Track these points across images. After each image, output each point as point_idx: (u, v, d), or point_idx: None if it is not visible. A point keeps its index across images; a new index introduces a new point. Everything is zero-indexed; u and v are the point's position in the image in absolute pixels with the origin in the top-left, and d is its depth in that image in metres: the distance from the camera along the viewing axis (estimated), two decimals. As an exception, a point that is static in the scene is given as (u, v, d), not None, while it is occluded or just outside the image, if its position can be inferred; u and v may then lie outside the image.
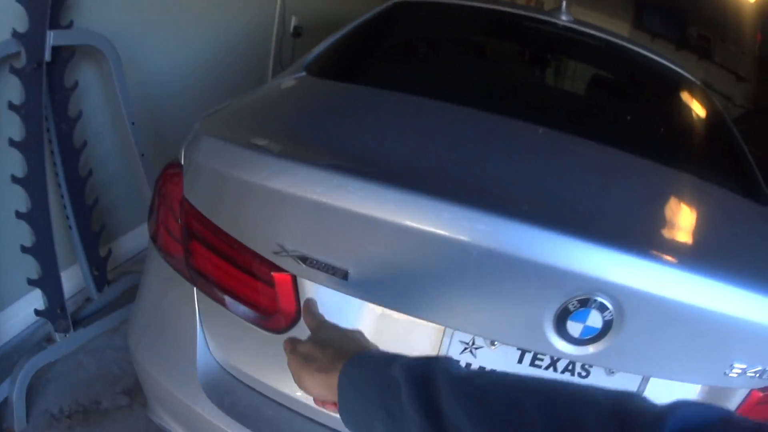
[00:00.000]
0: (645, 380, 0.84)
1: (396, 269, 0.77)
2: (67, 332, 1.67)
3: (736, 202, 1.25)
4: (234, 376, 0.97)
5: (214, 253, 0.90)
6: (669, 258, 0.79)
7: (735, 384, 0.85)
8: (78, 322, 1.74)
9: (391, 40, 1.79)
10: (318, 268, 0.77)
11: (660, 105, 1.81)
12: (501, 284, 0.76)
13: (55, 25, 1.43)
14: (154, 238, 1.04)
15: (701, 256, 0.91)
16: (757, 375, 0.84)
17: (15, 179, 1.45)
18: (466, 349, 0.83)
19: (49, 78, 1.49)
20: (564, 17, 1.82)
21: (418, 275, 0.77)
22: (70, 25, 1.55)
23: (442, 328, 0.82)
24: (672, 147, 1.48)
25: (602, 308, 0.73)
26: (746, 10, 5.21)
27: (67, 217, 1.69)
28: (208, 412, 0.93)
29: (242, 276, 0.87)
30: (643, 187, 1.13)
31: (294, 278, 0.83)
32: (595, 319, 0.73)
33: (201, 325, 0.97)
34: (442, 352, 0.82)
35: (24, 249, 1.50)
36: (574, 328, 0.74)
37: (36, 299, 1.74)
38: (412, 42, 1.82)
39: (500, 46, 2.10)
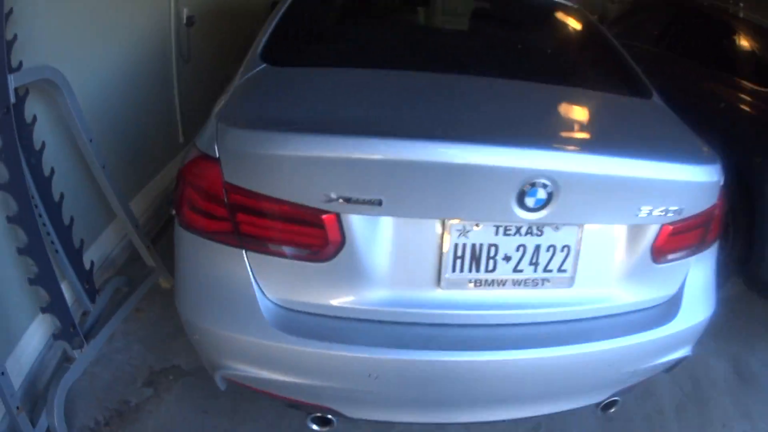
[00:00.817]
0: (581, 228, 1.28)
1: (409, 191, 1.16)
2: (82, 347, 1.85)
3: (625, 100, 1.77)
4: (290, 309, 1.26)
5: (265, 218, 1.20)
6: (580, 146, 1.27)
7: (647, 221, 1.30)
8: (86, 336, 1.92)
9: (319, 19, 2.10)
10: (360, 203, 1.13)
11: (554, 35, 2.34)
12: (477, 184, 1.16)
13: (9, 69, 1.54)
14: (187, 226, 1.31)
15: (603, 141, 1.41)
16: (663, 213, 1.28)
17: (10, 219, 1.58)
18: (460, 232, 1.23)
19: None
20: None
21: (423, 191, 1.16)
22: (20, 66, 1.62)
23: (443, 220, 1.21)
24: (568, 68, 2.01)
25: (544, 186, 1.14)
26: None
27: (52, 242, 1.82)
28: (282, 340, 1.21)
29: (294, 227, 1.19)
30: (554, 104, 1.61)
31: (338, 216, 1.17)
32: (541, 194, 1.15)
33: (254, 278, 1.26)
34: (445, 237, 1.21)
35: (31, 281, 1.65)
36: (529, 201, 1.16)
37: (38, 327, 1.89)
38: (339, 17, 2.14)
39: (408, 6, 2.51)
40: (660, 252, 1.38)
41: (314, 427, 1.46)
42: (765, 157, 2.61)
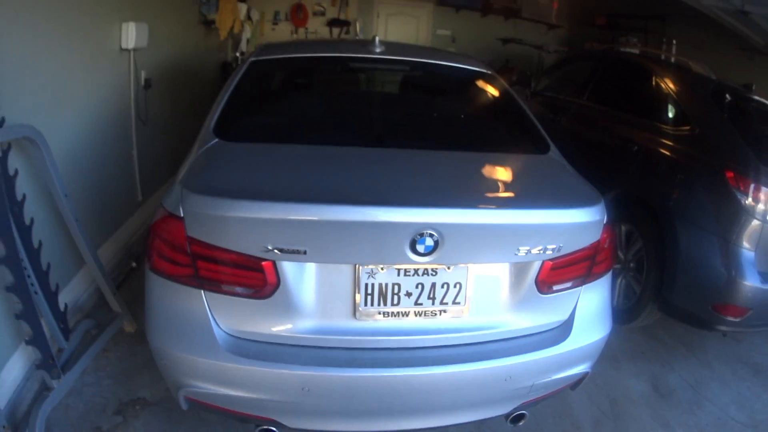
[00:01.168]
0: (467, 268, 1.62)
1: (327, 243, 1.50)
2: (59, 378, 2.13)
3: (522, 157, 2.17)
4: (239, 337, 1.58)
5: (219, 264, 1.53)
6: (463, 202, 1.61)
7: (526, 259, 1.63)
8: (62, 369, 2.21)
9: (264, 94, 2.49)
10: (289, 252, 1.48)
11: (464, 102, 2.75)
12: (378, 236, 1.50)
13: None
14: (156, 270, 1.65)
15: (486, 195, 1.75)
16: (541, 251, 1.62)
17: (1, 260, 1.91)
18: (368, 274, 1.57)
19: (-2, 172, 1.95)
20: (378, 51, 2.61)
21: (338, 242, 1.51)
22: (2, 123, 1.95)
23: (355, 265, 1.56)
24: (476, 132, 2.42)
25: (431, 235, 1.48)
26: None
27: (32, 284, 2.12)
28: (233, 362, 1.53)
29: (240, 272, 1.53)
30: (454, 167, 1.95)
31: (274, 263, 1.51)
32: (429, 242, 1.49)
33: (210, 312, 1.59)
34: (358, 279, 1.56)
35: (17, 316, 1.94)
36: (420, 248, 1.49)
37: (19, 359, 2.18)
38: (280, 94, 2.54)
39: (348, 81, 2.90)
40: (544, 284, 1.74)
41: None
42: (671, 194, 3.04)
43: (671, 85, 3.46)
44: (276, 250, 1.50)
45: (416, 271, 1.61)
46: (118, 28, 3.18)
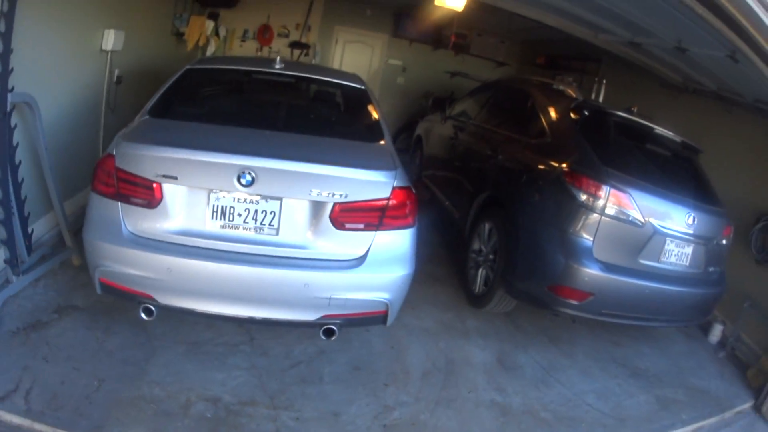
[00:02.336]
0: (280, 201, 2.63)
1: (192, 173, 2.65)
2: (18, 276, 3.26)
3: (357, 143, 3.22)
4: (137, 234, 2.64)
5: (129, 184, 2.61)
6: (279, 157, 2.68)
7: (321, 199, 2.63)
8: (21, 273, 3.36)
9: (188, 92, 3.64)
10: (168, 177, 2.60)
11: (330, 105, 3.99)
12: (222, 172, 2.60)
13: (7, 90, 3.00)
14: (95, 190, 2.74)
15: (301, 157, 2.71)
16: (330, 195, 2.64)
17: None
18: (216, 197, 2.64)
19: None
20: (278, 67, 3.83)
21: (199, 174, 2.66)
22: (12, 89, 3.07)
23: (209, 190, 2.65)
24: (344, 125, 3.59)
25: (250, 174, 2.58)
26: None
27: (11, 206, 3.30)
28: (132, 248, 2.60)
29: (141, 190, 2.62)
30: (296, 142, 2.98)
31: (160, 184, 2.60)
32: (248, 178, 2.58)
33: (124, 217, 2.66)
34: (209, 199, 2.64)
35: None
36: (243, 182, 2.58)
37: None
38: (199, 92, 3.74)
39: (249, 87, 4.04)
40: (337, 221, 2.71)
41: (143, 315, 2.80)
42: (519, 193, 3.94)
43: (539, 104, 4.47)
44: (161, 176, 2.62)
45: (245, 199, 2.69)
46: (101, 33, 4.45)
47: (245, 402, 2.85)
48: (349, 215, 2.77)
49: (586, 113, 4.12)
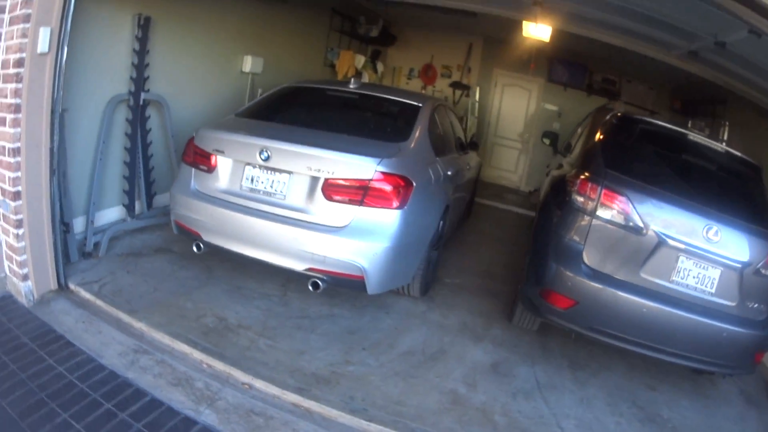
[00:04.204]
0: (289, 174, 3.78)
1: (234, 149, 4.00)
2: (133, 218, 4.96)
3: (378, 141, 4.13)
4: (198, 189, 4.05)
5: (198, 155, 4.08)
6: (286, 140, 3.88)
7: (315, 174, 3.69)
8: (136, 217, 5.04)
9: (269, 100, 5.02)
10: (218, 152, 4.01)
11: (382, 114, 4.97)
12: (252, 150, 3.87)
13: (143, 89, 4.85)
14: (184, 160, 4.26)
15: (307, 142, 3.83)
16: (320, 172, 3.68)
17: (126, 149, 4.84)
18: (249, 168, 3.91)
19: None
20: (352, 86, 5.00)
21: (238, 150, 4.00)
22: (148, 90, 4.92)
23: (244, 162, 3.95)
24: (378, 129, 4.61)
25: (266, 152, 3.80)
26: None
27: (141, 176, 5.03)
28: (194, 198, 4.02)
29: (203, 159, 4.06)
30: (325, 138, 4.00)
31: (215, 155, 4.01)
32: (265, 155, 3.78)
33: (194, 178, 4.10)
34: (244, 169, 3.95)
35: (124, 178, 4.84)
36: (262, 157, 3.79)
37: (113, 211, 5.07)
38: (277, 101, 5.05)
39: (315, 98, 5.23)
40: (326, 193, 3.70)
41: (194, 249, 4.15)
42: (541, 206, 4.17)
43: (590, 123, 4.85)
44: (215, 150, 4.00)
45: (265, 170, 3.89)
46: (241, 58, 6.25)
47: (242, 326, 3.96)
48: (335, 189, 3.73)
49: (614, 122, 4.33)
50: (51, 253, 3.95)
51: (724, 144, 4.16)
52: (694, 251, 3.53)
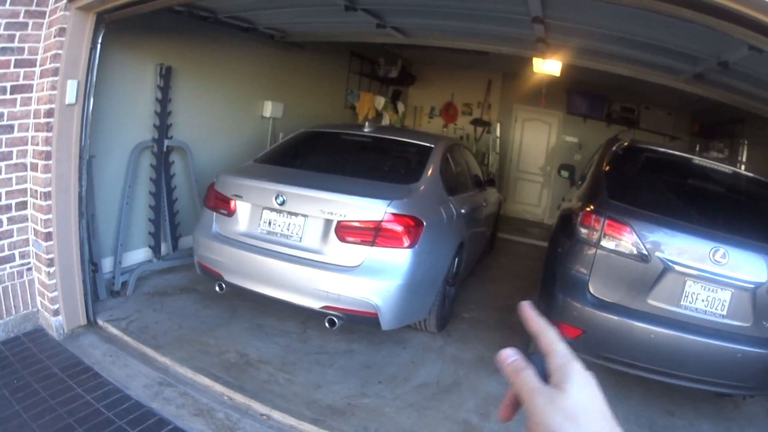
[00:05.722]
0: (305, 217, 4.02)
1: (252, 195, 4.28)
2: (159, 259, 5.30)
3: (389, 183, 4.40)
4: (219, 233, 4.33)
5: (218, 200, 4.37)
6: (299, 185, 4.17)
7: (329, 217, 3.95)
8: (162, 259, 5.38)
9: (286, 146, 5.38)
10: (237, 196, 4.32)
11: (394, 157, 5.24)
12: (267, 196, 4.17)
13: (166, 136, 5.26)
14: (205, 204, 4.61)
15: (319, 186, 4.13)
16: (333, 215, 3.93)
17: (151, 194, 5.21)
18: (266, 212, 4.14)
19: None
20: (366, 130, 5.35)
21: (257, 196, 4.27)
22: (171, 137, 5.32)
23: (261, 206, 4.20)
24: (390, 171, 4.88)
25: (282, 196, 4.06)
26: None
27: (166, 218, 5.39)
28: (216, 241, 4.29)
29: (223, 204, 4.35)
30: (337, 181, 4.28)
31: (234, 200, 4.29)
32: (281, 199, 4.05)
33: (215, 221, 4.39)
34: (262, 213, 4.20)
35: (150, 221, 5.20)
36: (278, 201, 4.05)
37: (139, 253, 5.43)
38: (294, 147, 5.41)
39: (331, 143, 5.56)
40: (340, 235, 3.99)
41: (217, 289, 4.43)
42: (551, 240, 4.59)
43: (599, 155, 5.00)
44: (235, 195, 4.34)
45: (281, 213, 4.18)
46: (261, 104, 6.65)
47: (262, 361, 4.22)
48: (348, 231, 3.97)
49: (619, 153, 4.49)
50: (80, 290, 4.31)
51: (738, 165, 4.29)
52: (701, 275, 3.59)
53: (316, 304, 4.06)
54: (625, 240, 3.69)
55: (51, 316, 4.16)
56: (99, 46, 4.09)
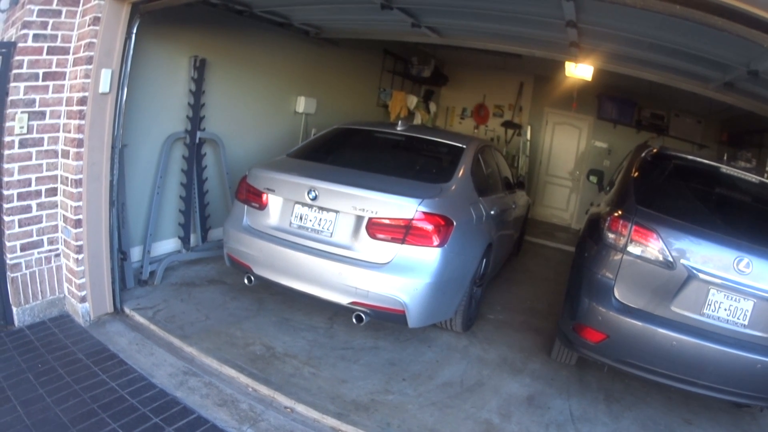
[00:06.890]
0: (336, 213, 4.00)
1: (283, 189, 4.27)
2: (187, 250, 5.32)
3: (431, 183, 4.36)
4: (249, 225, 4.34)
5: (250, 193, 4.38)
6: (332, 180, 4.15)
7: (360, 213, 3.93)
8: (191, 250, 5.41)
9: (319, 141, 5.36)
10: (269, 190, 4.31)
11: (426, 156, 5.18)
12: (299, 190, 4.15)
13: (199, 128, 5.28)
14: (236, 198, 4.61)
15: (351, 183, 4.10)
16: (365, 211, 3.92)
17: (183, 185, 5.24)
18: (298, 207, 4.14)
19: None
20: (399, 128, 5.30)
21: (289, 190, 4.24)
22: (203, 129, 5.34)
23: (293, 201, 4.20)
24: (422, 170, 4.81)
25: (314, 191, 4.06)
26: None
27: (197, 210, 5.41)
28: (247, 234, 4.30)
29: (255, 197, 4.36)
30: (370, 178, 4.24)
31: (266, 194, 4.29)
32: (313, 194, 4.05)
33: (246, 214, 4.39)
34: (294, 208, 4.19)
35: (180, 212, 5.23)
36: (310, 196, 4.07)
37: (168, 243, 5.46)
38: (327, 142, 5.39)
39: (364, 140, 5.50)
40: (370, 231, 3.96)
41: (246, 281, 4.42)
42: (579, 244, 4.34)
43: (628, 162, 4.91)
44: (267, 189, 4.33)
45: (312, 208, 4.17)
46: (294, 99, 6.67)
47: (288, 355, 4.20)
48: (379, 228, 3.95)
49: (648, 159, 4.44)
50: (108, 278, 4.35)
51: (765, 175, 4.22)
52: (725, 284, 3.57)
53: (344, 300, 4.03)
54: (651, 246, 3.68)
55: (78, 302, 4.21)
56: (134, 36, 4.12)
